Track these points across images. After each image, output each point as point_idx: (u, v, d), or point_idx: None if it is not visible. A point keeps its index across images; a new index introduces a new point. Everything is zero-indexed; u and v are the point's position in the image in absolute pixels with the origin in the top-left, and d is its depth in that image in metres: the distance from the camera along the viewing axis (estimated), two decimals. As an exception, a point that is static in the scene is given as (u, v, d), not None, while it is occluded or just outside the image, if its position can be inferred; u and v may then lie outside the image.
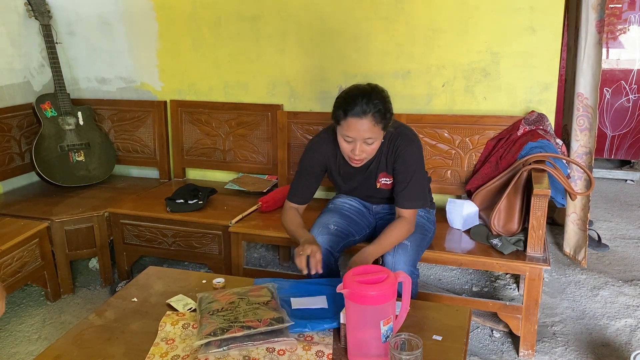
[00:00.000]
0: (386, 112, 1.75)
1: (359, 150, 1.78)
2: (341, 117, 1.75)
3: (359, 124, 1.72)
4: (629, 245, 3.08)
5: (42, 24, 3.00)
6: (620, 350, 2.14)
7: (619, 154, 4.41)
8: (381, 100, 1.74)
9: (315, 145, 1.98)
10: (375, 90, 1.77)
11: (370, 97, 1.72)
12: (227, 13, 2.91)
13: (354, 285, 1.37)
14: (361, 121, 1.72)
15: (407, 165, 1.89)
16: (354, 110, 1.71)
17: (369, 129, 1.73)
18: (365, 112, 1.71)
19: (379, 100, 1.73)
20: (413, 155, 1.89)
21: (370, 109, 1.71)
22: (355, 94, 1.74)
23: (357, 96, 1.73)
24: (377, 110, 1.72)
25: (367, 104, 1.71)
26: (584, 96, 2.49)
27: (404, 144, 1.88)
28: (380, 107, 1.73)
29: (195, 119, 3.08)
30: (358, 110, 1.71)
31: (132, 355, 1.47)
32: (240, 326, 1.47)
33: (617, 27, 4.14)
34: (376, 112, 1.72)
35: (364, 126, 1.72)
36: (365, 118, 1.71)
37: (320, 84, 2.85)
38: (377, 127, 1.74)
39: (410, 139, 1.91)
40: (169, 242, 2.64)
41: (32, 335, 2.37)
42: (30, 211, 2.68)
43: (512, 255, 2.08)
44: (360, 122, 1.72)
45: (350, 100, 1.73)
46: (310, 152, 1.98)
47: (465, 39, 2.54)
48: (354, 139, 1.77)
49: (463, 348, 1.45)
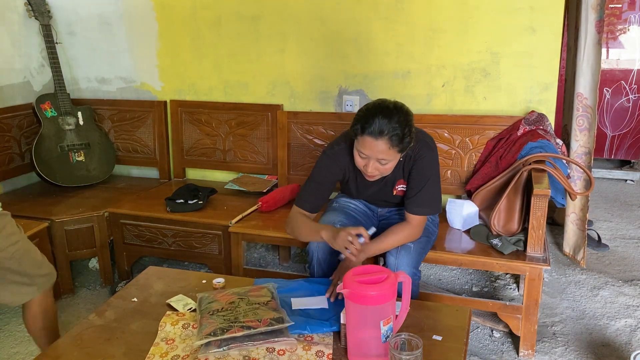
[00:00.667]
0: (404, 137, 1.67)
1: (372, 168, 1.73)
2: (358, 132, 1.69)
3: (374, 144, 1.66)
4: (629, 245, 3.08)
5: (42, 24, 3.00)
6: (620, 350, 2.14)
7: (619, 154, 4.42)
8: (401, 123, 1.66)
9: (333, 156, 1.91)
10: (399, 112, 1.69)
11: (391, 118, 1.65)
12: (227, 13, 2.91)
13: (354, 285, 1.37)
14: (376, 142, 1.66)
15: (423, 172, 1.85)
16: (370, 129, 1.65)
17: (384, 150, 1.67)
18: (382, 133, 1.64)
19: (399, 124, 1.65)
20: (430, 163, 1.86)
21: (389, 131, 1.64)
22: (376, 111, 1.67)
23: (377, 114, 1.66)
24: (394, 134, 1.65)
25: (386, 125, 1.64)
26: (584, 96, 2.49)
27: (422, 151, 1.84)
28: (398, 132, 1.65)
29: (195, 119, 3.08)
30: (375, 130, 1.64)
31: (132, 355, 1.47)
32: (240, 326, 1.47)
33: (617, 27, 4.14)
34: (394, 135, 1.65)
35: (379, 147, 1.66)
36: (382, 139, 1.65)
37: (320, 84, 2.85)
38: (393, 150, 1.68)
39: (429, 147, 1.87)
40: (169, 242, 2.64)
41: (32, 335, 2.37)
42: (30, 211, 2.68)
43: (512, 255, 2.08)
44: (375, 143, 1.66)
45: (369, 117, 1.66)
46: (327, 162, 1.92)
47: (465, 39, 2.54)
48: (367, 157, 1.72)
49: (463, 348, 1.45)
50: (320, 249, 1.93)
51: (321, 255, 1.93)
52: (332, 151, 1.92)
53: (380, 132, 1.64)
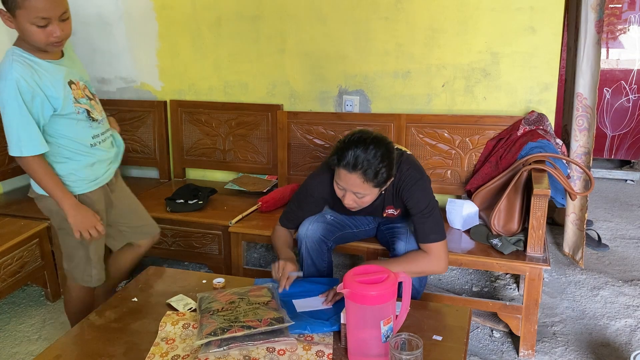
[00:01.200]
0: (379, 172, 1.61)
1: (349, 199, 1.70)
2: (334, 164, 1.65)
3: (348, 177, 1.62)
4: (629, 245, 3.08)
5: (42, 24, 2.99)
6: (620, 350, 2.14)
7: (619, 154, 4.42)
8: (378, 157, 1.60)
9: (315, 188, 1.89)
10: (377, 145, 1.61)
11: (367, 152, 1.59)
12: (227, 13, 2.91)
13: (355, 285, 1.37)
14: (350, 175, 1.61)
15: (418, 206, 1.76)
16: (345, 161, 1.60)
17: (358, 184, 1.63)
18: (356, 167, 1.59)
19: (374, 158, 1.59)
20: (421, 194, 1.77)
21: (362, 165, 1.59)
22: (353, 144, 1.61)
23: (353, 147, 1.60)
24: (369, 169, 1.59)
25: (360, 159, 1.58)
26: (583, 96, 2.49)
27: (408, 186, 1.76)
28: (373, 167, 1.59)
29: (195, 119, 3.08)
30: (349, 163, 1.60)
31: (132, 355, 1.47)
32: (240, 326, 1.47)
33: (617, 27, 4.14)
34: (368, 169, 1.59)
35: (353, 180, 1.62)
36: (355, 173, 1.60)
37: (320, 84, 2.85)
38: (368, 184, 1.63)
39: (413, 178, 1.77)
40: (169, 242, 2.64)
41: (32, 335, 2.37)
42: (30, 211, 2.67)
43: (512, 255, 2.08)
44: (349, 176, 1.62)
45: (345, 149, 1.61)
46: (311, 190, 1.90)
47: (465, 39, 2.54)
48: (344, 189, 1.69)
49: (463, 348, 1.45)
50: (308, 237, 1.94)
51: (309, 243, 1.94)
52: (314, 183, 1.89)
53: (354, 165, 1.59)
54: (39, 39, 1.60)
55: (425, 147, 2.61)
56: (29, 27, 1.57)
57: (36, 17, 1.55)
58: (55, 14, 1.58)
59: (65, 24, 1.64)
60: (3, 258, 2.31)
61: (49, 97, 1.65)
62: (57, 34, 1.60)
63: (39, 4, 1.54)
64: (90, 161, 1.81)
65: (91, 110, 1.78)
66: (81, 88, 1.77)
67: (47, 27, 1.58)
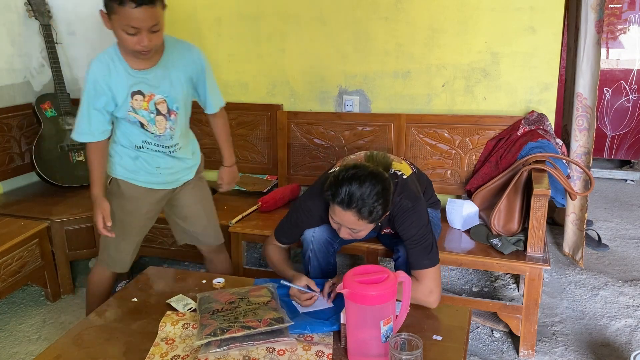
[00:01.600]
0: (373, 210, 1.57)
1: (344, 233, 1.66)
2: (329, 199, 1.61)
3: (342, 214, 1.60)
4: (629, 245, 3.08)
5: (42, 24, 3.00)
6: (620, 350, 2.14)
7: (619, 154, 4.42)
8: (373, 196, 1.55)
9: (309, 212, 1.86)
10: (372, 181, 1.56)
11: (361, 188, 1.54)
12: (227, 13, 2.91)
13: (354, 285, 1.37)
14: (345, 212, 1.59)
15: (408, 233, 1.72)
16: (339, 199, 1.57)
17: (353, 221, 1.60)
18: (350, 205, 1.55)
19: (368, 197, 1.55)
20: (411, 223, 1.71)
21: (357, 204, 1.55)
22: (347, 180, 1.56)
23: (348, 183, 1.55)
24: (363, 207, 1.55)
25: (355, 196, 1.54)
26: (583, 96, 2.49)
27: (398, 215, 1.72)
28: (368, 205, 1.55)
29: (195, 119, 3.03)
30: (343, 200, 1.56)
31: (132, 355, 1.47)
32: (240, 326, 1.47)
33: (617, 27, 4.14)
34: (362, 208, 1.55)
35: (347, 217, 1.59)
36: (350, 211, 1.58)
37: (320, 84, 2.85)
38: (363, 221, 1.60)
39: (404, 207, 1.72)
40: (169, 242, 2.64)
41: (32, 335, 2.37)
42: (30, 211, 2.68)
43: (512, 255, 2.08)
44: (344, 213, 1.59)
45: (340, 185, 1.56)
46: (307, 211, 1.87)
47: (465, 39, 2.54)
48: (339, 223, 1.65)
49: (463, 348, 1.45)
50: (315, 240, 1.93)
51: (317, 246, 1.93)
52: (309, 205, 1.86)
53: (348, 203, 1.55)
54: (127, 45, 1.71)
55: (425, 147, 2.61)
56: (120, 32, 1.69)
57: (127, 25, 1.65)
58: (146, 25, 1.67)
59: (155, 35, 1.73)
60: (3, 258, 2.31)
61: (113, 98, 1.82)
62: (144, 43, 1.69)
63: (132, 14, 1.62)
64: (133, 155, 1.94)
65: (147, 124, 1.87)
66: (149, 101, 1.85)
67: (136, 36, 1.68)
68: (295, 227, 1.93)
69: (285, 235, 1.95)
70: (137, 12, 1.62)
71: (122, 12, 1.62)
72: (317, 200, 1.81)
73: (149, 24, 1.67)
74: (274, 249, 1.96)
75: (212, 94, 2.10)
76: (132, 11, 1.61)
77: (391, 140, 2.67)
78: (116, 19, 1.65)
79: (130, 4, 1.60)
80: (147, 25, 1.67)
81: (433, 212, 2.09)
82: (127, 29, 1.65)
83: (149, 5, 1.65)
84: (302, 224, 1.92)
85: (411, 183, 1.81)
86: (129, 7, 1.60)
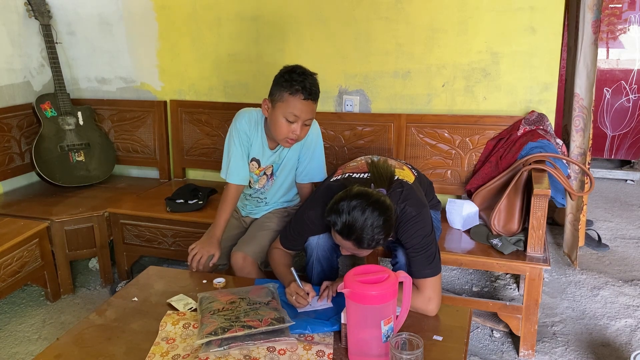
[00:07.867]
0: (373, 240, 1.54)
1: (346, 252, 1.68)
2: (334, 226, 1.57)
3: (343, 242, 1.59)
4: (629, 245, 3.08)
5: (42, 24, 3.00)
6: (620, 350, 2.14)
7: (619, 154, 4.42)
8: (375, 228, 1.52)
9: (316, 218, 1.82)
10: (374, 211, 1.52)
11: (363, 218, 1.50)
12: (227, 13, 2.91)
13: (355, 285, 1.37)
14: (344, 241, 1.58)
15: (411, 242, 1.69)
16: (337, 228, 1.55)
17: (353, 248, 1.60)
18: (349, 236, 1.54)
19: (370, 229, 1.51)
20: (414, 231, 1.68)
21: (357, 235, 1.53)
22: (347, 209, 1.52)
23: (347, 212, 1.52)
24: (363, 238, 1.53)
25: (353, 227, 1.51)
26: (580, 96, 2.49)
27: (402, 223, 1.69)
28: (368, 236, 1.52)
29: (195, 119, 3.08)
30: (342, 231, 1.54)
31: (132, 355, 1.47)
32: (241, 326, 1.47)
33: (617, 27, 4.14)
34: (363, 238, 1.53)
35: (347, 244, 1.58)
36: (349, 241, 1.56)
37: (320, 84, 2.82)
38: (362, 249, 1.59)
39: (408, 215, 1.68)
40: (169, 242, 2.64)
41: (32, 335, 2.37)
42: (30, 211, 2.68)
43: (512, 255, 2.08)
44: (344, 241, 1.58)
45: (341, 212, 1.53)
46: (310, 221, 1.85)
47: (465, 39, 2.54)
48: (340, 244, 1.64)
49: (463, 348, 1.45)
50: (320, 246, 1.93)
51: (321, 252, 1.93)
52: (309, 216, 1.84)
53: (348, 234, 1.54)
54: (280, 132, 1.91)
55: (425, 147, 2.62)
56: (280, 118, 1.88)
57: (290, 113, 1.86)
58: (305, 117, 1.88)
59: (305, 128, 1.94)
60: (3, 258, 2.31)
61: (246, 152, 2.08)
62: (297, 132, 1.90)
63: (298, 105, 1.86)
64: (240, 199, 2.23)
65: (253, 182, 2.15)
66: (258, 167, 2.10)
67: (293, 124, 1.88)
68: (299, 236, 1.92)
69: (290, 243, 1.94)
70: (304, 104, 1.86)
71: (290, 101, 1.84)
72: (319, 209, 1.77)
73: (307, 117, 1.89)
74: (278, 253, 1.94)
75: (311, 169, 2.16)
76: (300, 102, 1.85)
77: (391, 140, 2.67)
78: (282, 106, 1.86)
79: (301, 95, 1.84)
80: (305, 117, 1.89)
81: (433, 213, 2.09)
82: (288, 116, 1.86)
83: (314, 101, 1.90)
84: (305, 232, 1.91)
85: (416, 190, 1.79)
86: (299, 97, 1.84)
